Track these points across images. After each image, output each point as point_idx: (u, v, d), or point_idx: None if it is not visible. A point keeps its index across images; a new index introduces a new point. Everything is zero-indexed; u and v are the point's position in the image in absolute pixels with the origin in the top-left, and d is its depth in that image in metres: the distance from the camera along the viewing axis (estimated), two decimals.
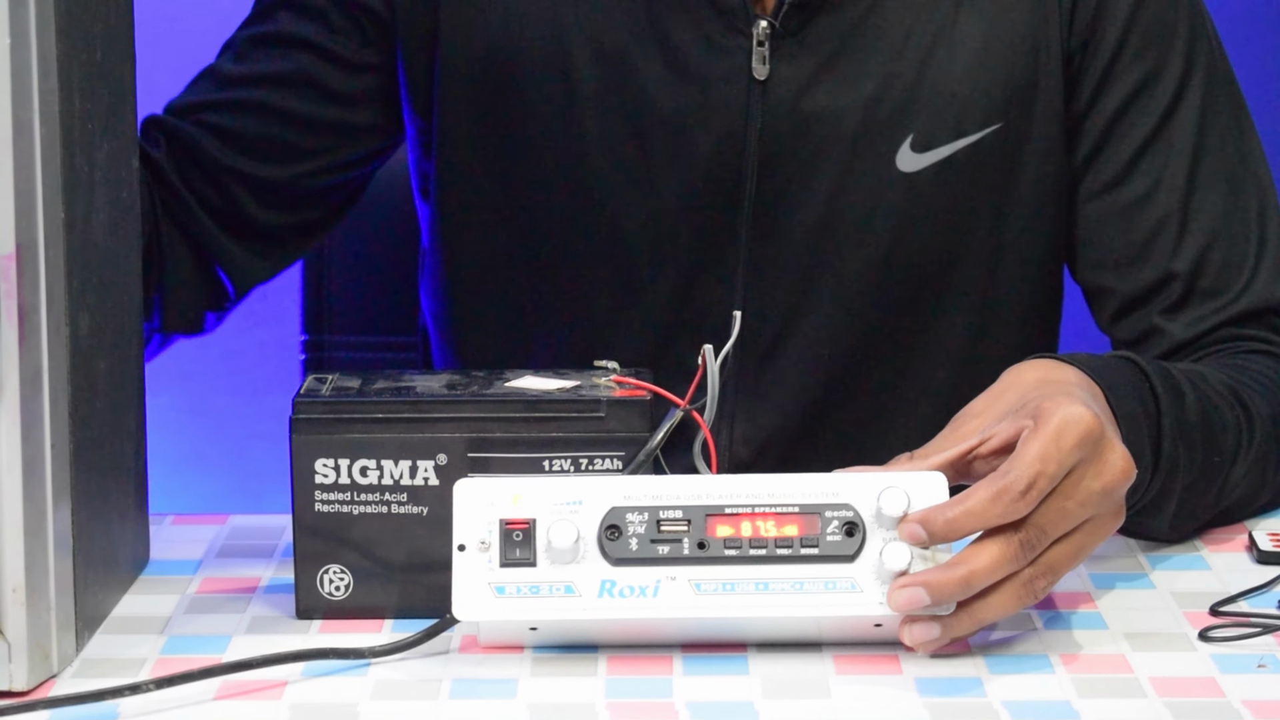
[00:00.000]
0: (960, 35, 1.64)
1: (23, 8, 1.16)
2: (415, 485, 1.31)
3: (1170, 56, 1.64)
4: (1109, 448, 1.26)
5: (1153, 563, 1.42)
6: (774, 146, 1.63)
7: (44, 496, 1.20)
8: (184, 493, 1.51)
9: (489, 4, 1.66)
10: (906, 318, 1.65)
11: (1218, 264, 1.61)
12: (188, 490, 1.56)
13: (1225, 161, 1.62)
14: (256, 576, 1.41)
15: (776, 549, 1.23)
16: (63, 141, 1.21)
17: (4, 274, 1.16)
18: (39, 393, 1.20)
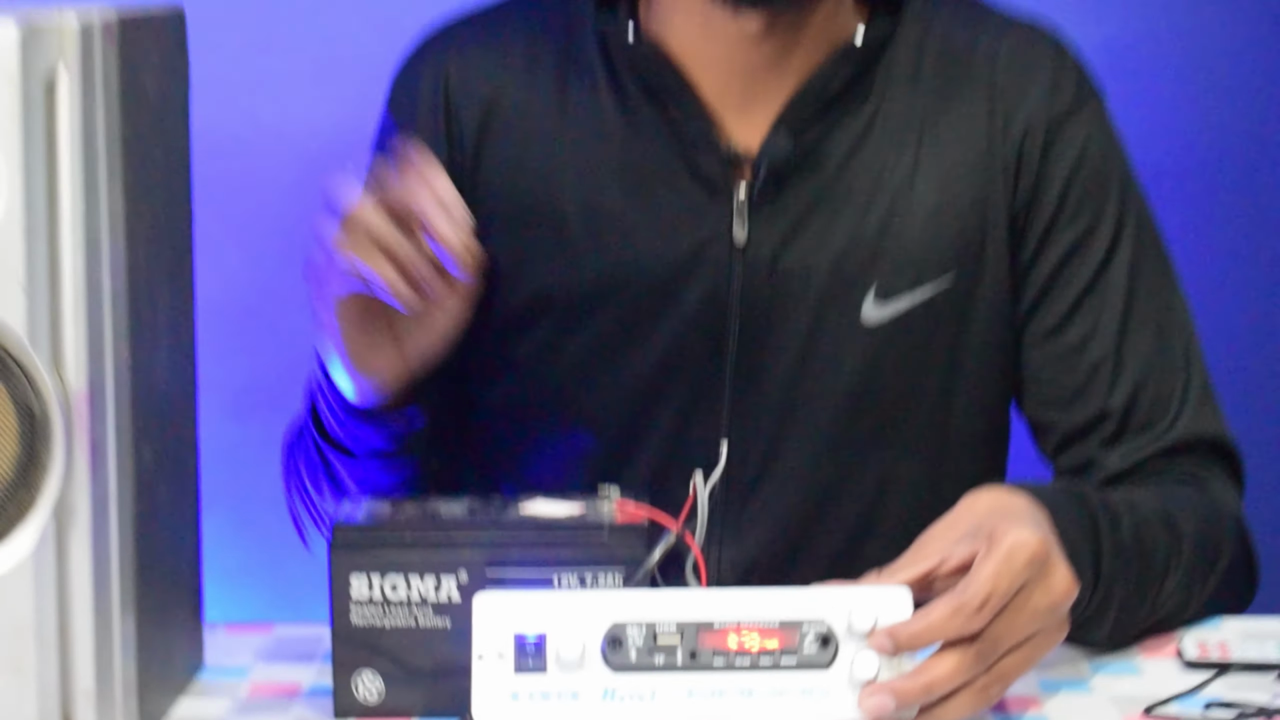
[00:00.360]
0: (917, 197, 1.64)
1: (94, 174, 1.19)
2: (439, 600, 1.31)
3: (1104, 215, 1.65)
4: (1054, 568, 1.29)
5: (1093, 669, 1.43)
6: (753, 301, 1.63)
7: (111, 608, 1.22)
8: (234, 603, 1.52)
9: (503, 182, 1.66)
10: (872, 453, 1.65)
11: (1148, 402, 1.62)
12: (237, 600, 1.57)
13: (1153, 309, 1.64)
14: (299, 681, 1.41)
15: (760, 659, 1.25)
16: (129, 294, 1.24)
17: (77, 411, 1.19)
18: (107, 516, 1.21)
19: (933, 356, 1.64)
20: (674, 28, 1.63)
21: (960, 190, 1.64)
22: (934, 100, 1.66)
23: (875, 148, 1.64)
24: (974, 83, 1.66)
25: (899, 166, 1.64)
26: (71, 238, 1.18)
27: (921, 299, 1.63)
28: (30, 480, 1.19)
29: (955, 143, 1.65)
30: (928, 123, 1.65)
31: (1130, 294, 1.63)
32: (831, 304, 1.63)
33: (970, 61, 1.67)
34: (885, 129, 1.65)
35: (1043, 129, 1.65)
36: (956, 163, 1.65)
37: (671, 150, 1.63)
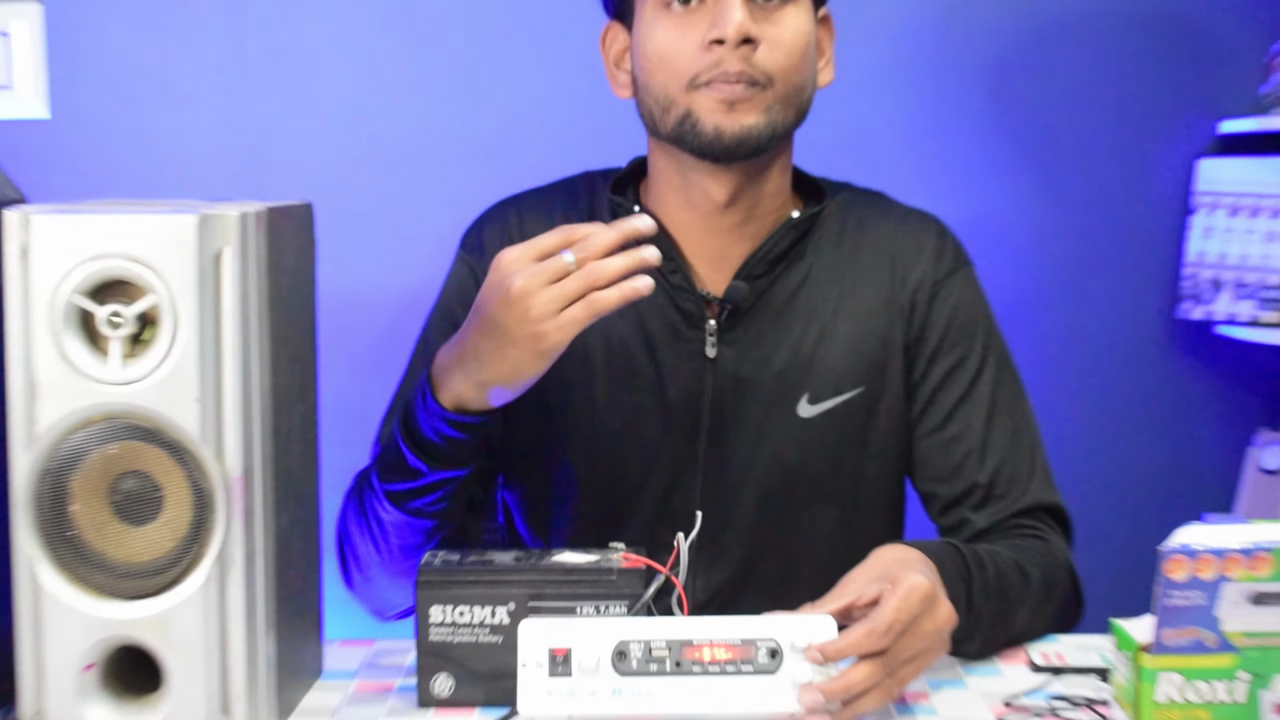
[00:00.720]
0: (838, 330, 1.62)
1: (248, 321, 1.20)
2: (494, 623, 1.31)
3: (972, 348, 1.64)
4: (939, 603, 1.30)
5: (967, 672, 1.42)
6: (719, 400, 1.61)
7: (257, 630, 1.23)
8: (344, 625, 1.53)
9: None
10: (804, 513, 1.64)
11: (1005, 479, 1.61)
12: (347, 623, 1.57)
13: (1008, 413, 1.64)
14: (392, 681, 1.40)
15: (726, 667, 1.25)
16: (272, 406, 1.25)
17: (234, 490, 1.19)
18: (254, 564, 1.22)
19: (849, 444, 1.64)
20: (663, 204, 1.63)
21: (869, 327, 1.64)
22: (851, 262, 1.66)
23: (808, 294, 1.64)
24: (879, 251, 1.66)
25: (825, 308, 1.64)
26: (231, 366, 1.19)
27: (841, 402, 1.62)
28: (200, 538, 1.20)
29: (866, 293, 1.65)
30: (846, 278, 1.65)
31: (991, 403, 1.63)
32: (776, 404, 1.62)
33: (877, 236, 1.67)
34: (815, 281, 1.64)
35: (929, 286, 1.65)
36: (866, 308, 1.64)
37: (662, 293, 1.61)
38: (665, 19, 1.54)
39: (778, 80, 1.53)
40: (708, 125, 1.53)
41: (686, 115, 1.54)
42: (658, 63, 1.55)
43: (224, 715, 1.21)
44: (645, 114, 1.60)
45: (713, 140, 1.53)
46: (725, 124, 1.52)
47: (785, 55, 1.53)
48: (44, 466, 1.19)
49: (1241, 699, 1.20)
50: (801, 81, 1.56)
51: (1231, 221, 2.78)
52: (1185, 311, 2.81)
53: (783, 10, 1.54)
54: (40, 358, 1.17)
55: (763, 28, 1.52)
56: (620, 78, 1.64)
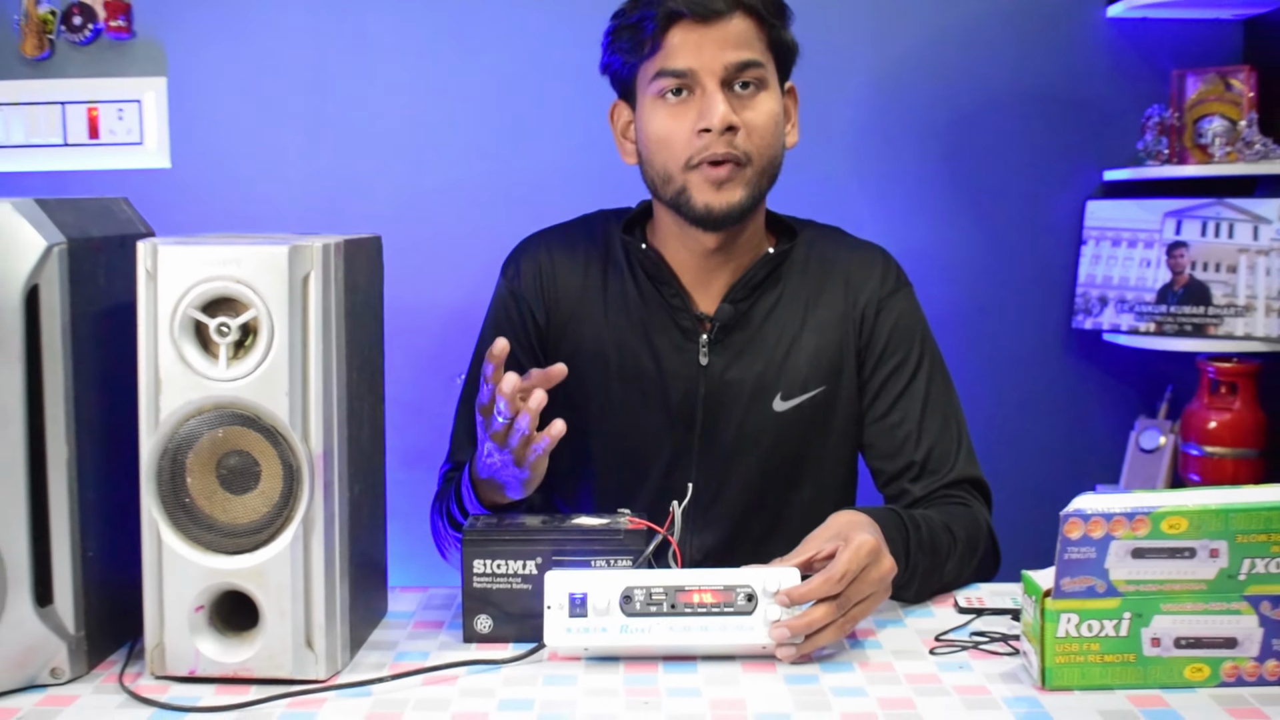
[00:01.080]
0: (804, 341, 1.61)
1: (329, 330, 1.20)
2: (525, 574, 1.31)
3: (911, 352, 1.63)
4: (883, 556, 1.30)
5: (905, 613, 1.40)
6: (711, 399, 1.60)
7: (335, 578, 1.22)
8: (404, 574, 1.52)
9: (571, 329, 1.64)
10: (776, 488, 1.62)
11: (937, 457, 1.59)
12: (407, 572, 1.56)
13: (939, 404, 1.61)
14: (442, 620, 1.40)
15: (712, 608, 1.25)
16: (347, 397, 1.24)
17: (317, 465, 1.19)
18: (333, 525, 1.22)
19: (814, 432, 1.62)
20: (666, 244, 1.62)
21: (829, 338, 1.62)
22: (814, 286, 1.64)
23: (780, 312, 1.63)
24: (837, 277, 1.65)
25: (794, 323, 1.62)
26: (314, 366, 1.18)
27: (807, 399, 1.61)
28: (289, 505, 1.20)
29: (826, 310, 1.63)
30: (810, 299, 1.63)
31: (926, 396, 1.62)
32: (755, 401, 1.61)
33: (835, 265, 1.66)
34: (786, 301, 1.63)
35: (875, 303, 1.64)
36: (826, 322, 1.63)
37: (665, 313, 1.61)
38: (662, 108, 1.53)
39: (756, 157, 1.53)
40: (699, 202, 1.52)
41: (682, 190, 1.53)
42: (657, 144, 1.54)
43: (308, 648, 1.21)
44: (648, 181, 1.59)
45: (703, 215, 1.53)
46: (714, 201, 1.52)
47: (760, 136, 1.53)
48: (165, 447, 1.19)
49: (1125, 634, 1.20)
50: (774, 155, 1.56)
51: (1114, 251, 2.78)
52: (1079, 322, 2.81)
53: (756, 97, 1.53)
54: (163, 359, 1.18)
55: (741, 115, 1.51)
56: (626, 147, 1.62)
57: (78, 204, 1.27)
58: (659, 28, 1.51)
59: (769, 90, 1.54)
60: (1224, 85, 2.71)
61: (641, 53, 1.53)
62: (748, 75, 1.52)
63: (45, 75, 2.72)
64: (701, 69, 1.50)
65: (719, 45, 1.50)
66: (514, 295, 1.66)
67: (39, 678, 1.21)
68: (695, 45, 1.50)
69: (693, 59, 1.50)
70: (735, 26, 1.51)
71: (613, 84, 1.62)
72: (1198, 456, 2.62)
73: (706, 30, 1.50)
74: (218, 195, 2.76)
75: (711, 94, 1.50)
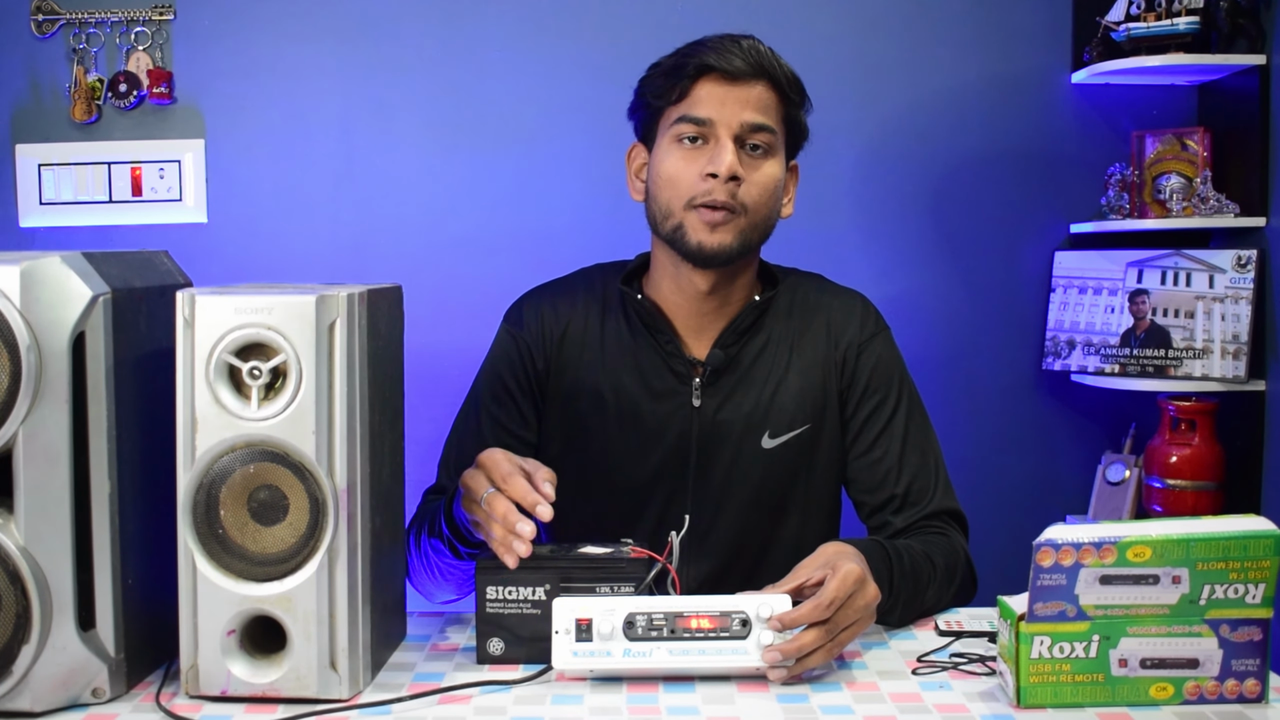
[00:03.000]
0: (790, 381, 1.61)
1: (352, 373, 1.20)
2: (535, 599, 1.30)
3: (890, 391, 1.63)
4: (868, 584, 1.30)
5: (889, 636, 1.41)
6: (704, 438, 1.59)
7: (357, 603, 1.22)
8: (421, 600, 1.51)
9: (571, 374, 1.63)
10: (765, 520, 1.61)
11: (916, 491, 1.59)
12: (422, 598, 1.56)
13: (918, 440, 1.62)
14: (458, 642, 1.39)
15: (709, 633, 1.25)
16: (369, 436, 1.24)
17: (341, 499, 1.19)
18: (355, 554, 1.21)
19: (800, 468, 1.62)
20: (661, 291, 1.63)
21: (813, 379, 1.62)
22: (798, 331, 1.64)
23: (767, 356, 1.63)
24: (819, 322, 1.65)
25: (780, 366, 1.62)
26: (339, 407, 1.19)
27: (793, 436, 1.61)
28: (315, 536, 1.19)
29: (809, 353, 1.63)
30: (795, 343, 1.63)
31: (905, 433, 1.62)
32: (745, 439, 1.60)
33: (817, 310, 1.66)
34: (772, 346, 1.63)
35: (856, 346, 1.64)
36: (810, 364, 1.63)
37: (660, 357, 1.61)
38: (677, 150, 1.55)
39: (751, 210, 1.54)
40: (693, 240, 1.53)
41: (679, 227, 1.54)
42: (666, 182, 1.55)
43: (332, 669, 1.20)
44: (650, 216, 1.59)
45: (695, 252, 1.54)
46: (706, 241, 1.53)
47: (759, 192, 1.54)
48: (200, 481, 1.19)
49: (1094, 655, 1.19)
50: (768, 213, 1.56)
51: (1081, 298, 2.78)
52: (1049, 364, 2.81)
53: (763, 160, 1.55)
54: (199, 400, 1.18)
55: (746, 170, 1.53)
56: (637, 185, 1.63)
57: (122, 257, 1.27)
58: (690, 77, 1.53)
59: (775, 158, 1.56)
60: (1180, 145, 2.72)
61: (669, 98, 1.55)
62: (759, 138, 1.54)
63: (93, 138, 2.74)
64: (720, 121, 1.52)
65: (740, 104, 1.53)
66: (515, 338, 1.66)
67: (81, 697, 1.20)
68: (719, 100, 1.52)
69: (714, 111, 1.52)
70: (757, 91, 1.53)
71: (636, 126, 1.64)
72: (1160, 489, 2.61)
73: (731, 89, 1.53)
74: (250, 248, 2.76)
75: (724, 145, 1.52)
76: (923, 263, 2.82)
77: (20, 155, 2.74)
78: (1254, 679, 1.20)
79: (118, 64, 2.73)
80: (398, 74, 2.76)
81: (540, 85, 2.77)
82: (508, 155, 2.77)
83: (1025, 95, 2.79)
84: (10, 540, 1.16)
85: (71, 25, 2.73)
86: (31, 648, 1.17)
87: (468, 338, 1.77)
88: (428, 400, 1.67)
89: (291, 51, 2.75)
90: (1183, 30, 2.59)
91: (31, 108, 2.74)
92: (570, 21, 2.76)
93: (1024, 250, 2.83)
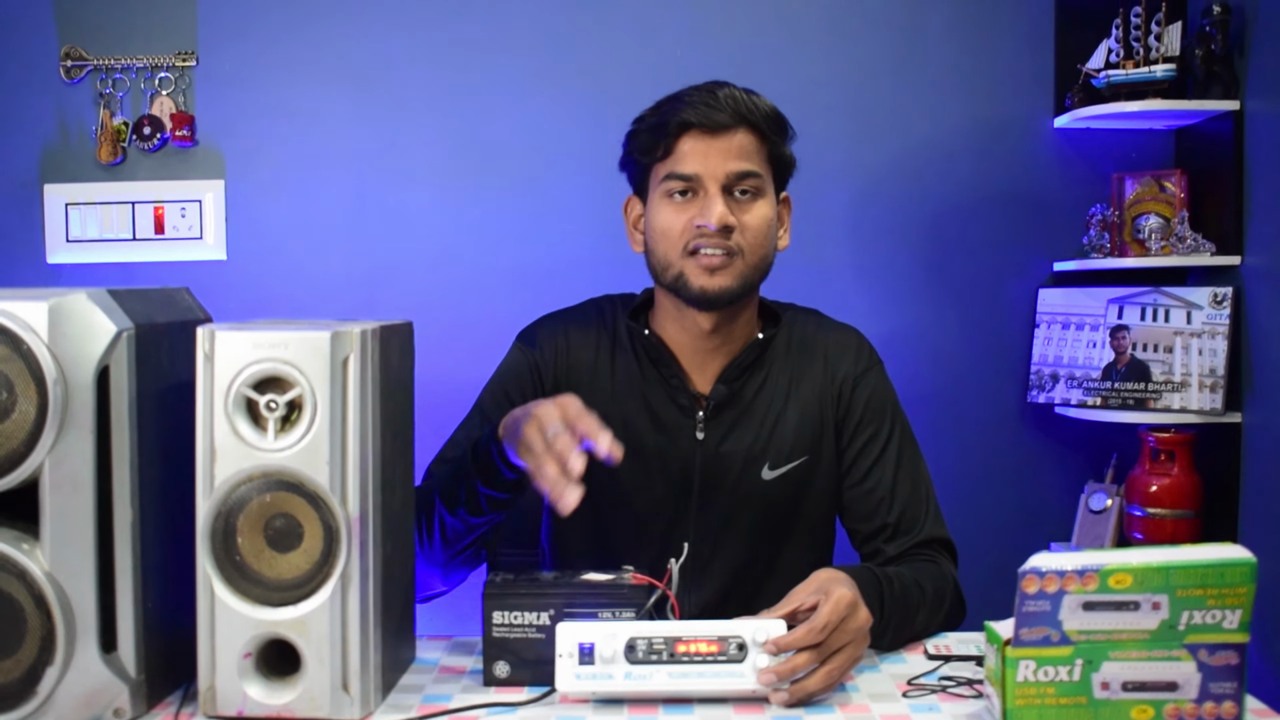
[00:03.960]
0: (788, 415, 1.61)
1: (365, 405, 1.20)
2: (539, 624, 1.30)
3: (883, 423, 1.63)
4: (860, 609, 1.30)
5: (881, 659, 1.40)
6: (706, 470, 1.59)
7: (369, 627, 1.22)
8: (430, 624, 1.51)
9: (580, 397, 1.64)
10: (765, 547, 1.61)
11: (909, 520, 1.59)
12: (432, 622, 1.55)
13: (909, 471, 1.62)
14: (465, 665, 1.38)
15: (707, 657, 1.24)
16: (381, 465, 1.24)
17: (354, 527, 1.19)
18: (367, 580, 1.21)
19: (798, 498, 1.62)
20: (666, 329, 1.63)
21: (810, 412, 1.62)
22: (797, 366, 1.64)
23: (767, 391, 1.63)
24: (816, 356, 1.65)
25: (779, 400, 1.62)
26: (352, 438, 1.19)
27: (792, 468, 1.61)
28: (328, 562, 1.19)
29: (807, 387, 1.63)
30: (794, 378, 1.64)
31: (898, 464, 1.62)
32: (746, 470, 1.60)
33: (815, 346, 1.66)
34: (772, 381, 1.63)
35: (851, 380, 1.64)
36: (807, 397, 1.63)
37: (665, 392, 1.61)
38: (668, 205, 1.55)
39: (748, 252, 1.54)
40: (694, 286, 1.54)
41: (680, 275, 1.55)
42: (661, 235, 1.56)
43: (344, 691, 1.20)
44: (651, 268, 1.60)
45: (698, 297, 1.54)
46: (707, 285, 1.53)
47: (753, 236, 1.54)
48: (218, 510, 1.19)
49: (1077, 679, 1.19)
50: (765, 253, 1.57)
51: (1064, 333, 2.78)
52: (1034, 397, 2.81)
53: (753, 203, 1.55)
54: (218, 431, 1.18)
55: (738, 216, 1.53)
56: (636, 237, 1.63)
57: (144, 293, 1.28)
58: (672, 135, 1.53)
59: (765, 198, 1.56)
60: (1158, 187, 2.73)
61: (655, 155, 1.56)
62: (746, 184, 1.54)
63: (118, 178, 2.76)
64: (706, 175, 1.52)
65: (723, 155, 1.52)
66: (526, 355, 1.66)
67: (104, 717, 1.20)
68: (702, 154, 1.52)
69: (699, 165, 1.52)
70: (739, 140, 1.53)
71: (629, 179, 1.64)
72: (1141, 517, 2.61)
73: (713, 141, 1.53)
74: (268, 284, 2.78)
75: (713, 197, 1.52)
76: (913, 299, 2.83)
77: (49, 194, 2.75)
78: (1231, 701, 1.20)
79: (142, 108, 2.75)
80: (408, 118, 2.78)
81: (544, 128, 2.79)
82: (513, 195, 2.79)
83: (1010, 139, 2.80)
84: (36, 565, 1.16)
85: (99, 71, 2.75)
86: (56, 669, 1.17)
87: (476, 370, 1.77)
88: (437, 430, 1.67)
89: (308, 96, 2.77)
90: (1160, 77, 2.61)
91: (60, 149, 2.76)
92: (572, 68, 2.78)
93: (1009, 287, 2.84)
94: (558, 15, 2.77)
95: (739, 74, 1.61)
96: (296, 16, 2.76)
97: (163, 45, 2.76)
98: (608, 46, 2.77)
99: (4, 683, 1.17)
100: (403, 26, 2.78)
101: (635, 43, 2.77)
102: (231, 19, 2.75)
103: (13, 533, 1.18)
